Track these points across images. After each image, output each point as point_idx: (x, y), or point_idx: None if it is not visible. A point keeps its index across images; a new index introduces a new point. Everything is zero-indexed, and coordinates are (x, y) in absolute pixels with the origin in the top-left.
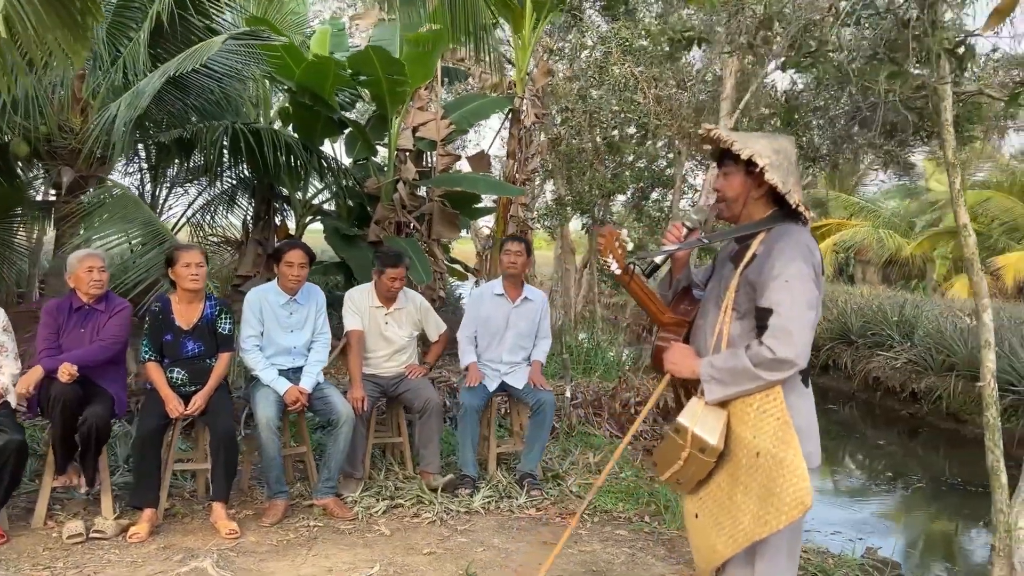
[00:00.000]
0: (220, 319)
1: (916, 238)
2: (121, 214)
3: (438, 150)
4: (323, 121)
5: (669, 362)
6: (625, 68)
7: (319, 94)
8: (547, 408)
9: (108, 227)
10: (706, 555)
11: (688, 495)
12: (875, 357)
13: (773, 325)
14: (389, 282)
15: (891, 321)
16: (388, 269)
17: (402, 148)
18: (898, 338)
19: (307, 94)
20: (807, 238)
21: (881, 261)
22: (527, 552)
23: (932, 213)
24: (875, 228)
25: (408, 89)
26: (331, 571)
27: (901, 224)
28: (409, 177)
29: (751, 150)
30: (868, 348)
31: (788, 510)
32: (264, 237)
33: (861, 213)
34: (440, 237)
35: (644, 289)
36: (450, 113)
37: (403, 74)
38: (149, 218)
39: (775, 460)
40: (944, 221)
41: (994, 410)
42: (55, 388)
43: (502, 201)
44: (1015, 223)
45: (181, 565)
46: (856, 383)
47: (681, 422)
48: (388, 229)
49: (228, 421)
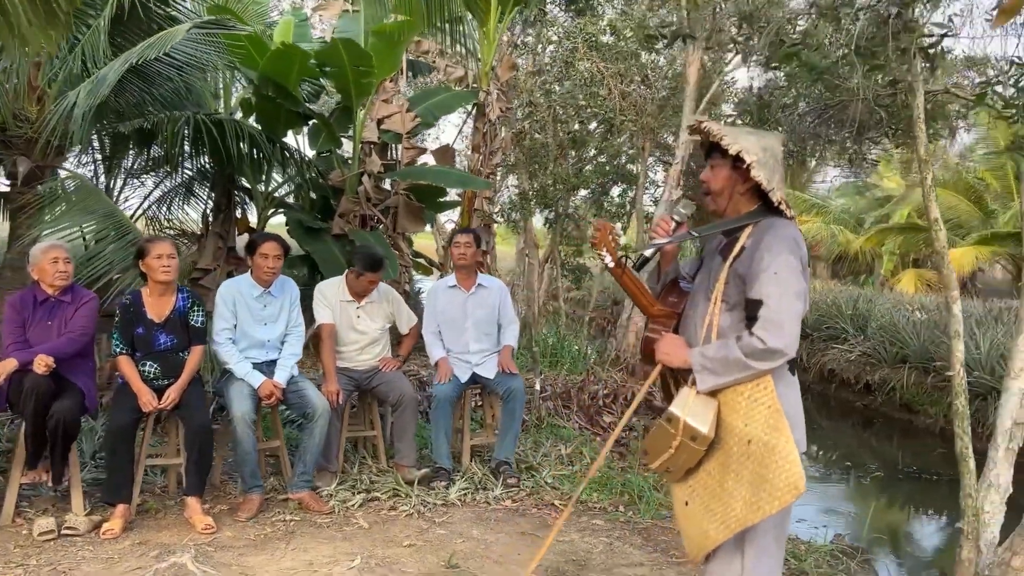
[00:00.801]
0: (192, 312)
1: (865, 234)
2: (81, 205)
3: (403, 143)
4: (287, 112)
5: (661, 352)
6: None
7: (283, 85)
8: (517, 395)
9: (67, 219)
10: (698, 541)
11: (677, 483)
12: (830, 350)
13: (763, 317)
14: (367, 284)
15: (845, 315)
16: (368, 273)
17: (367, 141)
18: (852, 331)
19: (271, 85)
20: (794, 231)
21: (832, 257)
22: (506, 543)
23: (881, 210)
24: (827, 224)
25: (374, 81)
26: (312, 565)
27: (850, 220)
28: (374, 170)
29: (739, 146)
30: (823, 341)
31: (781, 495)
32: (225, 230)
33: (812, 210)
34: (405, 230)
35: (635, 282)
36: (415, 106)
37: (370, 66)
38: (110, 210)
39: (767, 447)
40: (893, 217)
41: (963, 398)
42: (29, 380)
43: (467, 195)
44: (959, 220)
45: (158, 561)
46: (812, 375)
47: (673, 411)
48: (353, 222)
49: (204, 415)
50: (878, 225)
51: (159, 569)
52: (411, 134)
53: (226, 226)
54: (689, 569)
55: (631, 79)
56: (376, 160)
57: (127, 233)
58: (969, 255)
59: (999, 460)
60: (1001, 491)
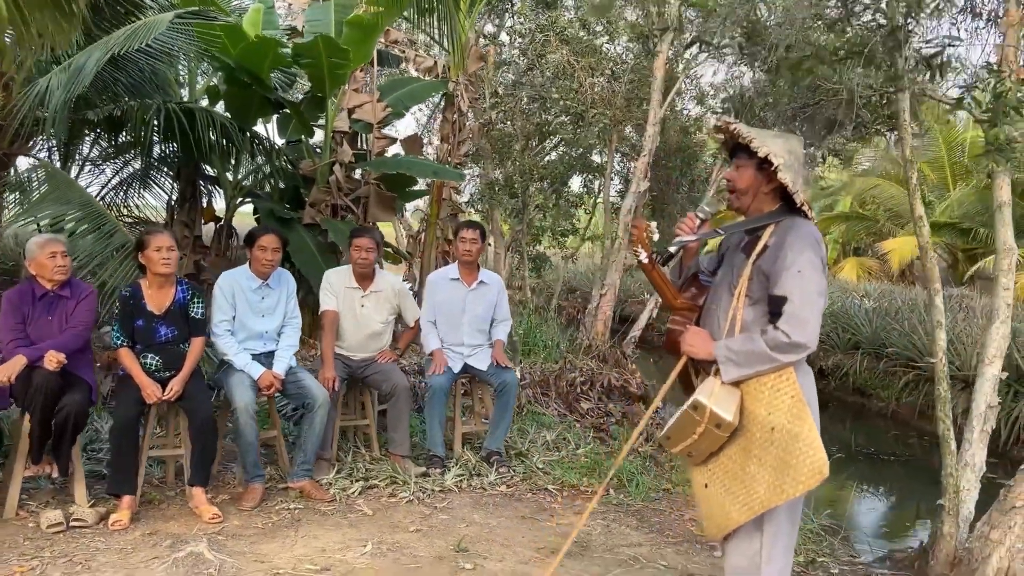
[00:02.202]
0: (192, 303)
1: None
2: (55, 195)
3: (374, 132)
4: (259, 100)
5: (686, 344)
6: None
7: (256, 74)
8: (510, 388)
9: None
10: (719, 521)
11: (696, 467)
12: None
13: (788, 312)
14: (355, 253)
15: None
16: (355, 239)
17: (338, 130)
18: None
19: (244, 73)
20: (815, 231)
21: None
22: (508, 527)
23: (825, 199)
24: None
25: (348, 71)
26: (324, 551)
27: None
28: (346, 159)
29: (768, 149)
30: None
31: (805, 479)
32: (191, 218)
33: None
34: (376, 220)
35: (662, 276)
36: (385, 96)
37: (347, 58)
38: (86, 199)
39: (790, 435)
40: (836, 206)
41: (945, 384)
42: (37, 376)
43: (436, 184)
44: (900, 210)
45: (173, 551)
46: None
47: (699, 399)
48: (324, 211)
49: (207, 406)
50: (822, 214)
51: (177, 558)
52: (381, 124)
53: (192, 215)
54: (685, 548)
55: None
56: (347, 150)
57: (104, 223)
58: (909, 244)
59: (974, 441)
60: (976, 470)
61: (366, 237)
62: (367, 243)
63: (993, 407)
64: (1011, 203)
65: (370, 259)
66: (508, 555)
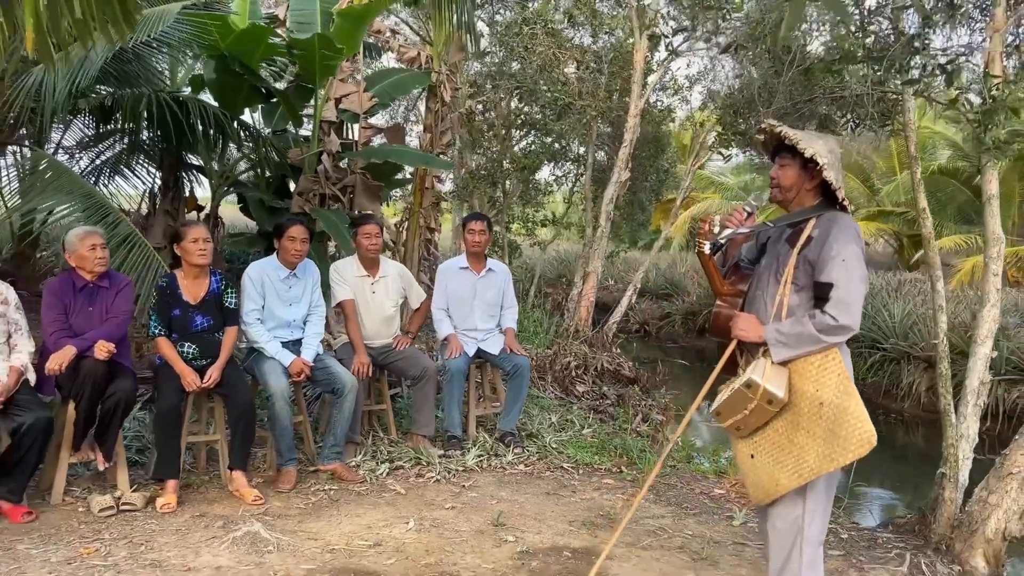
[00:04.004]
0: (226, 293)
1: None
2: (55, 185)
3: (361, 123)
4: (248, 90)
5: (738, 329)
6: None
7: (247, 64)
8: (523, 372)
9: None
10: (768, 488)
11: (742, 439)
12: None
13: (834, 298)
14: (364, 240)
15: None
16: (361, 226)
17: (326, 120)
18: None
19: (235, 63)
20: (855, 224)
21: None
22: (536, 503)
23: None
24: (727, 201)
25: (339, 62)
26: (370, 528)
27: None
28: (334, 149)
29: (813, 150)
30: None
31: (855, 448)
32: (174, 207)
33: (710, 187)
34: (362, 209)
35: (715, 265)
36: (371, 86)
37: (338, 49)
38: (87, 190)
39: (839, 409)
40: None
41: (946, 363)
42: (85, 366)
43: (419, 173)
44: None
45: (227, 531)
46: None
47: (753, 379)
48: (312, 201)
49: (246, 392)
50: None
51: (235, 537)
52: (368, 114)
53: (175, 204)
54: (704, 519)
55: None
56: (335, 139)
57: (108, 214)
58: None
59: (968, 415)
60: (970, 441)
61: (372, 224)
62: (374, 229)
63: (985, 383)
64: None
65: (379, 245)
66: (544, 528)
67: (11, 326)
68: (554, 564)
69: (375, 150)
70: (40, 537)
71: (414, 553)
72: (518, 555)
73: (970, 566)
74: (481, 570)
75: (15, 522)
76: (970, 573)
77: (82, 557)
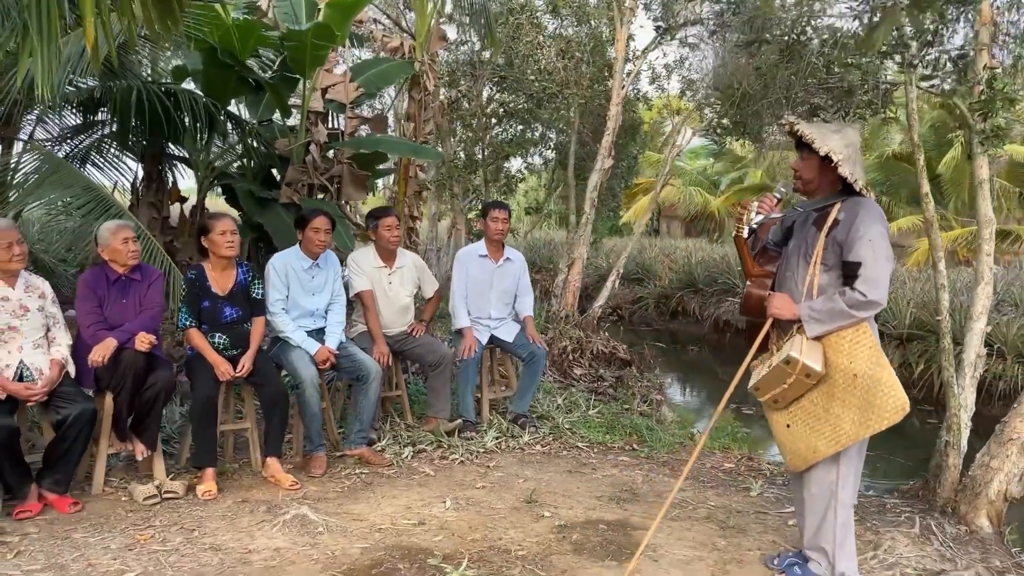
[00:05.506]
0: (253, 284)
1: (722, 195)
2: (54, 178)
3: (347, 112)
4: (237, 80)
5: (773, 307)
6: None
7: (237, 55)
8: (539, 358)
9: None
10: (805, 455)
11: (777, 411)
12: (723, 302)
13: (863, 275)
14: (385, 232)
15: (735, 271)
16: (382, 218)
17: (313, 110)
18: (743, 285)
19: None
20: (878, 207)
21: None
22: (561, 481)
23: (737, 172)
24: (684, 186)
25: (328, 52)
26: (409, 508)
27: (706, 182)
28: (321, 139)
29: (828, 147)
30: (715, 295)
31: (890, 415)
32: (158, 199)
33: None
34: (350, 199)
35: (748, 248)
36: (357, 76)
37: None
38: (87, 183)
39: (872, 379)
40: (748, 179)
41: (948, 338)
42: (126, 357)
43: (403, 163)
44: None
45: (274, 515)
46: (707, 327)
47: (792, 355)
48: (300, 191)
49: (278, 381)
50: (735, 186)
51: (285, 520)
52: (354, 104)
53: (159, 196)
54: (722, 491)
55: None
56: (323, 129)
57: (111, 207)
58: None
59: (966, 386)
60: (968, 410)
61: (392, 216)
62: (395, 221)
63: (981, 356)
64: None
65: (399, 236)
66: (575, 504)
67: (49, 319)
68: (593, 536)
69: (364, 140)
70: (92, 526)
71: (459, 530)
72: (557, 529)
73: (976, 526)
74: (527, 543)
75: (63, 512)
76: (976, 532)
77: (140, 543)
